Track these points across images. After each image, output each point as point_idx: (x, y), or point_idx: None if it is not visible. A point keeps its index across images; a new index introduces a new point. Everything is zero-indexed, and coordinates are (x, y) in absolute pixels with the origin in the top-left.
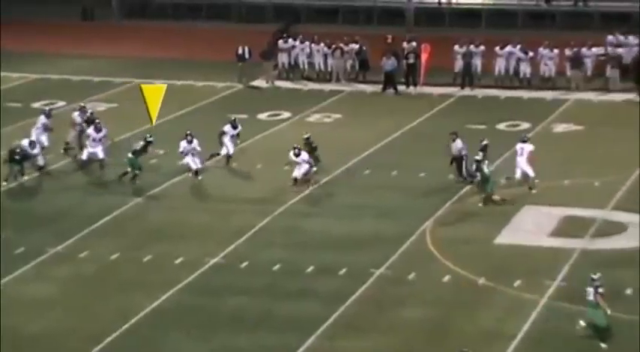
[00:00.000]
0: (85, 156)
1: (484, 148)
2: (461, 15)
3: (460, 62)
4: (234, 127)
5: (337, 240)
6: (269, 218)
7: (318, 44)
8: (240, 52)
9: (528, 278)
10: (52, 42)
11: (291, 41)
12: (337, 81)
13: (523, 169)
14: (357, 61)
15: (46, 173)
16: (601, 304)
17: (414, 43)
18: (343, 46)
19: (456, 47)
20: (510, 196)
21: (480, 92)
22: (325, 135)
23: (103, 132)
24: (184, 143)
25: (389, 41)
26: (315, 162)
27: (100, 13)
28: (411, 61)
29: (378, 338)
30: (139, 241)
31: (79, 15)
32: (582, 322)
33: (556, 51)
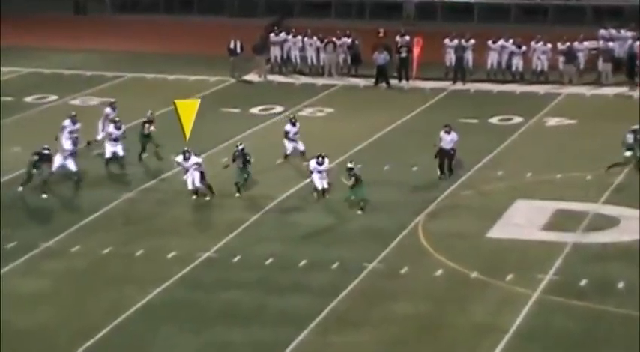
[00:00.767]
0: (108, 154)
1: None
2: (453, 9)
3: (451, 56)
4: (293, 125)
5: (329, 234)
6: (261, 212)
7: (311, 38)
8: (232, 46)
9: (521, 272)
10: (44, 36)
11: (283, 35)
12: (330, 75)
13: None
14: (349, 55)
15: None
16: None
17: (407, 37)
18: (336, 40)
19: (447, 41)
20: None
21: (473, 86)
22: (318, 129)
23: (122, 129)
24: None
25: (381, 35)
26: (245, 172)
27: (92, 7)
28: (403, 55)
29: (370, 331)
30: (130, 236)
31: (71, 9)
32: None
33: (549, 45)
